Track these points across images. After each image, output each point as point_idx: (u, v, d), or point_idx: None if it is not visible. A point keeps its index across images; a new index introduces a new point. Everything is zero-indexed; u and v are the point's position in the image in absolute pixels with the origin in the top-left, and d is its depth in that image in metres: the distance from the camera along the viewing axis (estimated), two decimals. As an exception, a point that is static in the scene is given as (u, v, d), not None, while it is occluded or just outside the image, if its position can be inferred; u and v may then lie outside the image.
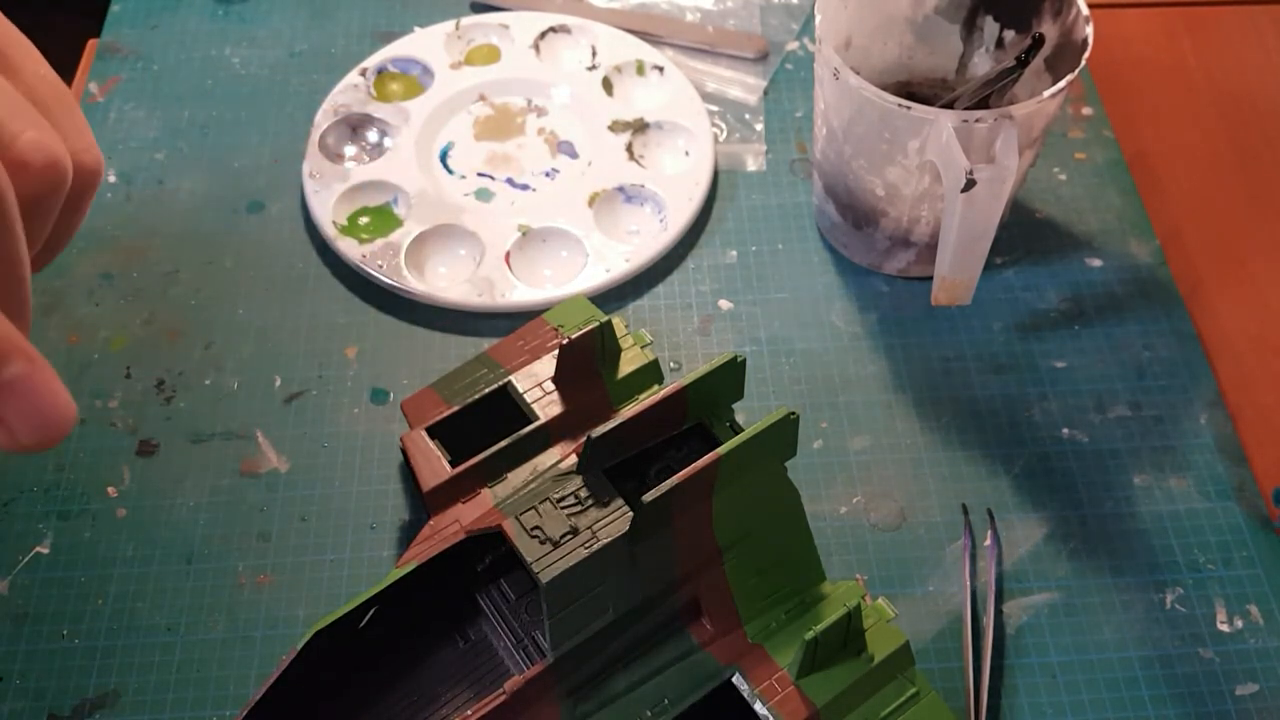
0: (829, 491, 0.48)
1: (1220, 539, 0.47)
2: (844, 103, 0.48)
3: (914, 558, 0.46)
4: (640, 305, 0.54)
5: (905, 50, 0.55)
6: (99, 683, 0.43)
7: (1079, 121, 0.61)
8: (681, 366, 0.52)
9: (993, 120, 0.45)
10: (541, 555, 0.37)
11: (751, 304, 0.54)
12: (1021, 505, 0.48)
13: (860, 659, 0.38)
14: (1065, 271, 0.55)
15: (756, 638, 0.40)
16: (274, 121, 0.61)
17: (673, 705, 0.38)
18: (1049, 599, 0.45)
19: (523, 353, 0.48)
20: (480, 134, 0.61)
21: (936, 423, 0.50)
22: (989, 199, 0.45)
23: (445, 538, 0.41)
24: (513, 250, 0.55)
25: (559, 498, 0.39)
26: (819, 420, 0.50)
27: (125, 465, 0.49)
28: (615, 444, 0.40)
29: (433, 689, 0.41)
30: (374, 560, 0.46)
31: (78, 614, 0.45)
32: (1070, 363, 0.52)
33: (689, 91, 0.61)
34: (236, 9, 0.66)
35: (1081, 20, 0.48)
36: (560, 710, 0.38)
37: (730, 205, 0.58)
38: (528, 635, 0.42)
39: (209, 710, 0.43)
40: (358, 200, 0.57)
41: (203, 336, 0.53)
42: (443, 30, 0.64)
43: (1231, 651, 0.44)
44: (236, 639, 0.44)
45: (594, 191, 0.57)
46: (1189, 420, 0.50)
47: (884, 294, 0.55)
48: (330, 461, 0.49)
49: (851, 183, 0.52)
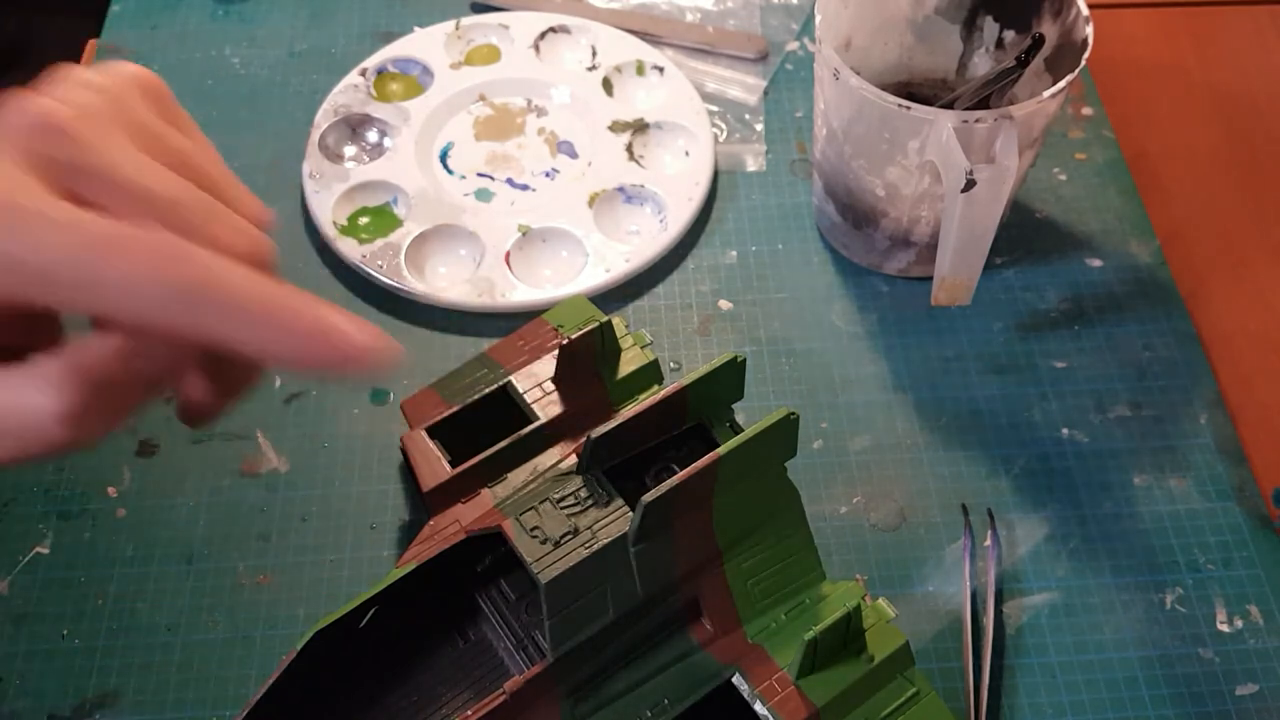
0: (829, 491, 0.48)
1: (1220, 539, 0.47)
2: (844, 103, 0.48)
3: (914, 558, 0.46)
4: (640, 305, 0.54)
5: (905, 50, 0.55)
6: (99, 683, 0.43)
7: (1079, 121, 0.61)
8: (681, 366, 0.52)
9: (993, 120, 0.45)
10: (541, 555, 0.37)
11: (751, 304, 0.54)
12: (1021, 505, 0.48)
13: (860, 659, 0.38)
14: (1065, 271, 0.55)
15: (756, 638, 0.40)
16: (274, 121, 0.61)
17: (673, 705, 0.38)
18: (1049, 599, 0.45)
19: (523, 353, 0.48)
20: (480, 134, 0.61)
21: (936, 423, 0.50)
22: (989, 199, 0.45)
23: (445, 538, 0.41)
24: (513, 250, 0.55)
25: (559, 498, 0.39)
26: (819, 420, 0.50)
27: (125, 465, 0.49)
28: (615, 444, 0.40)
29: (433, 689, 0.41)
30: (374, 560, 0.46)
31: (78, 614, 0.45)
32: (1070, 363, 0.52)
33: (689, 91, 0.61)
34: (236, 9, 0.66)
35: (1081, 20, 0.48)
36: (560, 710, 0.38)
37: (730, 205, 0.58)
38: (528, 635, 0.42)
39: (209, 710, 0.43)
40: (358, 200, 0.57)
41: (203, 336, 0.53)
42: (443, 30, 0.64)
43: (1231, 651, 0.44)
44: (236, 639, 0.44)
45: (594, 191, 0.57)
46: (1189, 420, 0.50)
47: (884, 294, 0.55)
48: (330, 462, 0.49)
49: (851, 183, 0.52)
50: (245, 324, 0.27)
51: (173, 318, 0.27)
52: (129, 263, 0.26)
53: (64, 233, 0.26)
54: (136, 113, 0.30)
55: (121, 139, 0.29)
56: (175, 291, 0.27)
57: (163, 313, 0.27)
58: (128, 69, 0.31)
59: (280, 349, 0.27)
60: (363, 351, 0.28)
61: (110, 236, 0.26)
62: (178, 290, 0.27)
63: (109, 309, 0.27)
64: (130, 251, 0.26)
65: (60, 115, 0.28)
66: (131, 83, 0.31)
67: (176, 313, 0.27)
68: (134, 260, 0.26)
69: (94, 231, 0.26)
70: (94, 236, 0.26)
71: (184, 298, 0.27)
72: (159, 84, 0.32)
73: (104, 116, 0.29)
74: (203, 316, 0.27)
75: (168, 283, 0.26)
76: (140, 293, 0.26)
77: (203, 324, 0.27)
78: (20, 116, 0.28)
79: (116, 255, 0.26)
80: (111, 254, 0.26)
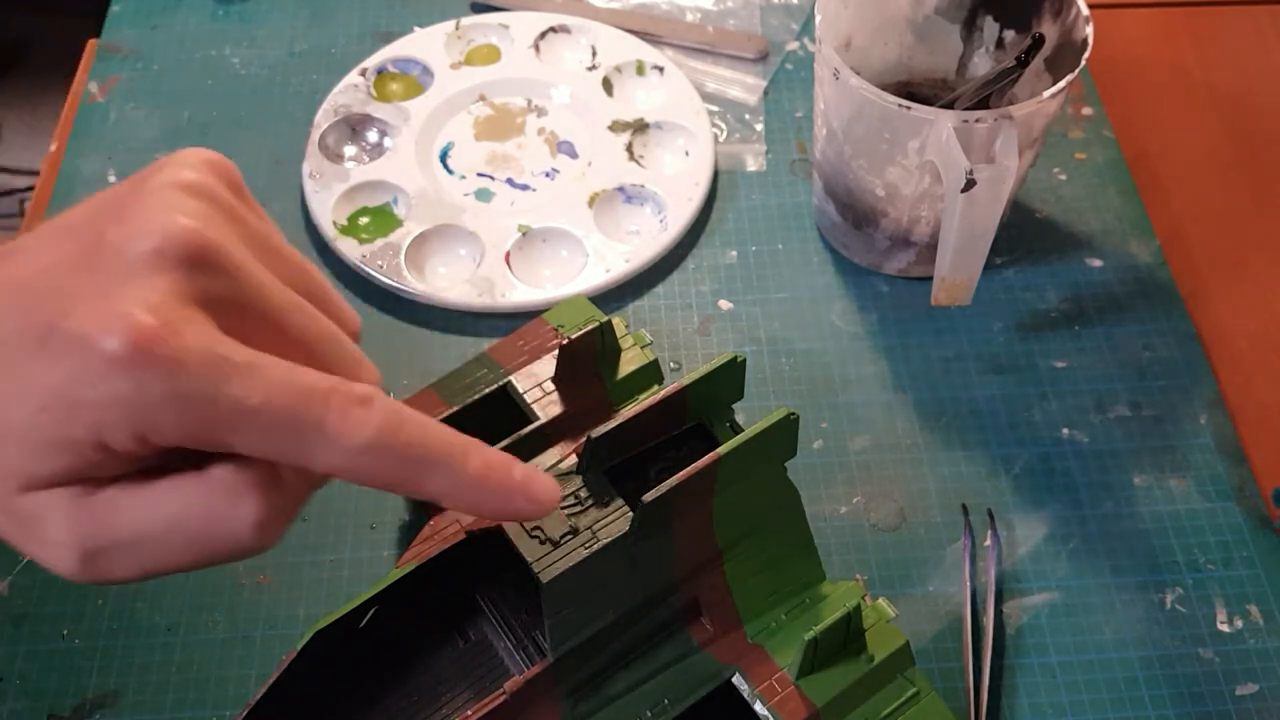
0: (829, 491, 0.48)
1: (1220, 539, 0.47)
2: (844, 103, 0.48)
3: (914, 558, 0.46)
4: (640, 305, 0.54)
5: (905, 50, 0.55)
6: (99, 683, 0.43)
7: (1079, 121, 0.61)
8: (681, 366, 0.52)
9: (993, 120, 0.45)
10: (541, 555, 0.37)
11: (751, 304, 0.54)
12: (1021, 505, 0.48)
13: (860, 659, 0.38)
14: (1065, 271, 0.55)
15: (756, 638, 0.40)
16: (274, 121, 0.61)
17: (673, 705, 0.38)
18: (1049, 599, 0.45)
19: (523, 353, 0.48)
20: (480, 134, 0.61)
21: (936, 423, 0.50)
22: (989, 199, 0.45)
23: (445, 538, 0.41)
24: (513, 250, 0.55)
25: (559, 498, 0.39)
26: (819, 420, 0.50)
27: (125, 465, 0.49)
28: (615, 444, 0.40)
29: (433, 689, 0.41)
30: (374, 560, 0.46)
31: (78, 614, 0.45)
32: (1070, 363, 0.52)
33: (689, 91, 0.61)
34: (236, 9, 0.66)
35: (1081, 20, 0.48)
36: (560, 710, 0.38)
37: (730, 205, 0.58)
38: (528, 635, 0.42)
39: (209, 710, 0.43)
40: (358, 200, 0.57)
41: (203, 336, 0.53)
42: (443, 30, 0.64)
43: (1231, 651, 0.44)
44: (236, 639, 0.44)
45: (594, 191, 0.57)
46: (1189, 420, 0.50)
47: (884, 294, 0.55)
48: (330, 461, 0.49)
49: (851, 183, 0.52)
50: (456, 487, 0.28)
51: (384, 475, 0.27)
52: (346, 423, 0.26)
53: (276, 390, 0.25)
54: (243, 218, 0.28)
55: (253, 260, 0.27)
56: (393, 456, 0.26)
57: (373, 470, 0.27)
58: (203, 156, 0.29)
59: (479, 506, 0.29)
60: (543, 507, 0.29)
61: (321, 391, 0.26)
62: (396, 455, 0.26)
63: (317, 464, 0.26)
64: (347, 411, 0.26)
65: (205, 241, 0.26)
66: (214, 173, 0.28)
67: (388, 471, 0.27)
68: (351, 422, 0.26)
69: (305, 384, 0.26)
70: (305, 391, 0.26)
71: (400, 462, 0.27)
72: (234, 170, 0.29)
73: (226, 230, 0.27)
74: (413, 477, 0.27)
75: (386, 447, 0.26)
76: (357, 452, 0.26)
77: (411, 483, 0.27)
78: (163, 240, 0.25)
79: (334, 415, 0.26)
80: (328, 413, 0.26)
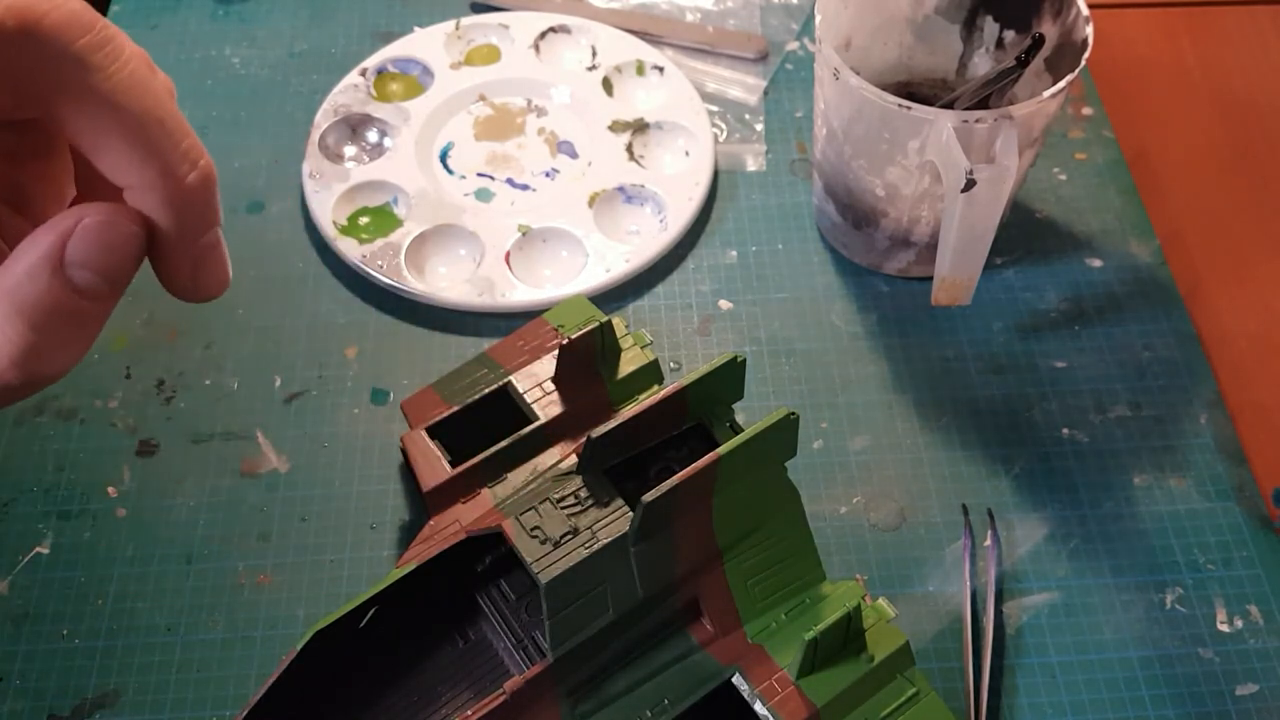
0: (829, 491, 0.48)
1: (1220, 539, 0.47)
2: (844, 103, 0.48)
3: (914, 558, 0.46)
4: (640, 305, 0.54)
5: (905, 50, 0.55)
6: (99, 683, 0.43)
7: (1079, 121, 0.61)
8: (681, 366, 0.52)
9: (993, 120, 0.45)
10: (541, 555, 0.37)
11: (751, 304, 0.54)
12: (1021, 505, 0.48)
13: (860, 659, 0.38)
14: (1065, 271, 0.55)
15: (756, 638, 0.40)
16: (274, 121, 0.61)
17: (673, 705, 0.38)
18: (1049, 599, 0.45)
19: (523, 353, 0.48)
20: (480, 134, 0.61)
21: (936, 423, 0.50)
22: (989, 199, 0.45)
23: (445, 538, 0.41)
24: (513, 250, 0.55)
25: (559, 498, 0.39)
26: (819, 420, 0.50)
27: (125, 465, 0.49)
28: (615, 444, 0.40)
29: (433, 689, 0.41)
30: (374, 560, 0.46)
31: (78, 614, 0.45)
32: (1070, 363, 0.52)
33: (689, 91, 0.61)
34: (236, 9, 0.66)
35: (1081, 20, 0.48)
36: (560, 710, 0.38)
37: (730, 205, 0.58)
38: (528, 635, 0.42)
39: (209, 710, 0.43)
40: (358, 200, 0.57)
41: (203, 336, 0.53)
42: (443, 30, 0.64)
43: (1231, 651, 0.44)
44: (236, 639, 0.44)
45: (594, 191, 0.57)
46: (1189, 420, 0.50)
47: (884, 294, 0.55)
48: (330, 461, 0.49)
49: (851, 183, 0.52)
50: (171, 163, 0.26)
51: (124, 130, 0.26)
52: (116, 57, 0.25)
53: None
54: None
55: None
56: (141, 108, 0.26)
57: (118, 121, 0.26)
58: None
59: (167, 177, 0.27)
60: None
61: (102, 22, 0.25)
62: (144, 109, 0.26)
63: (69, 92, 0.25)
64: (121, 47, 0.25)
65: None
66: None
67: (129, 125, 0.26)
68: (123, 58, 0.25)
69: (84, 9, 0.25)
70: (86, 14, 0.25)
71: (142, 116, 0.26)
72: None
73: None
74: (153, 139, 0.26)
75: (142, 95, 0.26)
76: (121, 89, 0.25)
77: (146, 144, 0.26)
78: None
79: (110, 47, 0.25)
80: (106, 43, 0.25)
